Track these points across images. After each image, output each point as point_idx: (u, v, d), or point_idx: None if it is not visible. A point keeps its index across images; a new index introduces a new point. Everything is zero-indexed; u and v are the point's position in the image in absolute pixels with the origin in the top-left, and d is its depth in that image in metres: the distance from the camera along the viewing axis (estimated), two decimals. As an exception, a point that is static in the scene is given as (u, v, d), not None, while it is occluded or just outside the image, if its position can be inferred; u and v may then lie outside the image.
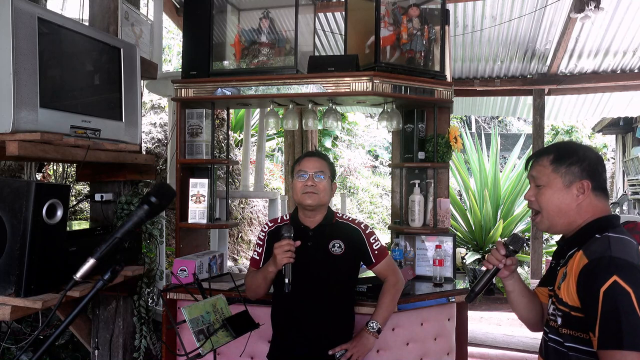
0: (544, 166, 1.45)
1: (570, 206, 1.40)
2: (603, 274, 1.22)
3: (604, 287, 1.21)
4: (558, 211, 1.42)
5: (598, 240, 1.33)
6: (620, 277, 1.20)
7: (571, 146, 1.48)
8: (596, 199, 1.40)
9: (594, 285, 1.23)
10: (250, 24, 2.86)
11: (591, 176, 1.40)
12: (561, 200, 1.41)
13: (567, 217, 1.41)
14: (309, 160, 2.12)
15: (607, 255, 1.26)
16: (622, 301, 1.18)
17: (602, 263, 1.25)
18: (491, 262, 1.52)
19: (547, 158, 1.45)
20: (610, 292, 1.20)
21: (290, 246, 1.90)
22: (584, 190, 1.39)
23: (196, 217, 2.74)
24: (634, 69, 5.50)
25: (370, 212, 11.25)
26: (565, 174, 1.41)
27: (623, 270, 1.22)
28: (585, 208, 1.40)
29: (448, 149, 2.86)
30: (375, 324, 2.07)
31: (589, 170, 1.40)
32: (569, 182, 1.40)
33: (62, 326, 1.18)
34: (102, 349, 2.74)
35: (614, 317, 1.19)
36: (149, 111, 6.49)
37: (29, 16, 1.94)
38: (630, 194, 8.97)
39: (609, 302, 1.20)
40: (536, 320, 1.59)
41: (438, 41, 2.78)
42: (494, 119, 15.44)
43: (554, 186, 1.42)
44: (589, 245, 1.33)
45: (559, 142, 1.57)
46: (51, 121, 2.04)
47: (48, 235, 1.90)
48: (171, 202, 1.39)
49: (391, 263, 2.21)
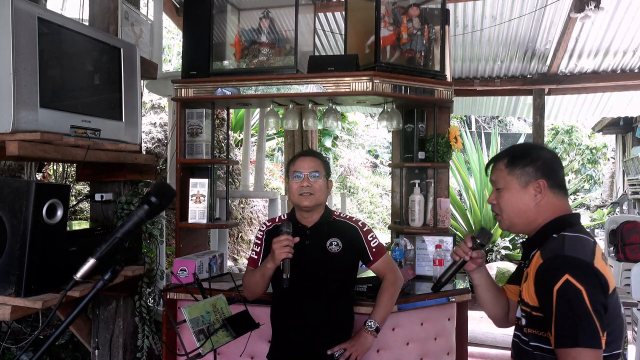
0: (501, 170, 1.49)
1: (528, 206, 1.43)
2: (556, 273, 1.25)
3: (557, 286, 1.23)
4: (517, 212, 1.45)
5: (554, 240, 1.36)
6: (572, 276, 1.22)
7: (524, 147, 1.53)
8: (554, 197, 1.43)
9: (548, 284, 1.25)
10: (250, 23, 2.86)
11: (547, 175, 1.42)
12: (519, 201, 1.44)
13: (527, 217, 1.44)
14: (304, 160, 2.12)
15: (561, 255, 1.28)
16: (574, 299, 1.21)
17: (555, 262, 1.28)
18: (458, 254, 1.56)
19: (502, 162, 1.49)
20: (562, 291, 1.22)
21: (289, 241, 1.90)
22: (541, 189, 1.41)
23: (196, 217, 2.74)
24: (634, 69, 5.50)
25: (370, 212, 11.25)
26: (520, 175, 1.44)
27: (575, 269, 1.24)
28: (544, 207, 1.42)
29: (448, 149, 2.87)
30: (374, 323, 2.06)
31: (544, 169, 1.43)
32: (525, 183, 1.43)
33: (62, 326, 1.18)
34: (102, 349, 2.74)
35: (568, 315, 1.21)
36: (149, 111, 6.49)
37: (29, 16, 1.94)
38: (630, 193, 8.97)
39: (562, 301, 1.22)
40: (501, 316, 1.61)
41: (438, 41, 2.78)
42: (494, 118, 15.45)
43: (511, 188, 1.45)
44: (546, 246, 1.36)
45: (514, 145, 1.60)
46: (51, 121, 2.04)
47: (48, 235, 1.90)
48: (171, 202, 1.39)
49: (389, 261, 2.21)
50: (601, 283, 1.24)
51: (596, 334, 1.19)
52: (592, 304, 1.20)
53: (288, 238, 1.90)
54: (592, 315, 1.19)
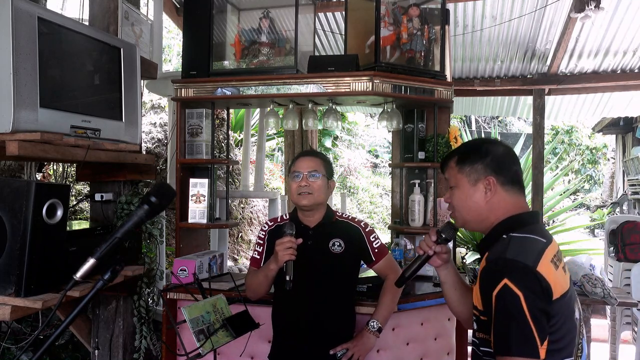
0: (452, 168, 1.45)
1: (479, 204, 1.38)
2: (495, 277, 1.20)
3: (496, 290, 1.19)
4: (469, 210, 1.41)
5: (501, 241, 1.31)
6: (510, 280, 1.17)
7: (474, 144, 1.48)
8: (507, 194, 1.37)
9: (489, 289, 1.21)
10: (250, 23, 2.86)
11: (497, 171, 1.37)
12: (470, 199, 1.39)
13: (478, 215, 1.40)
14: (303, 160, 2.11)
15: (502, 257, 1.23)
16: (511, 305, 1.16)
17: (496, 266, 1.23)
18: (422, 248, 1.49)
19: (453, 159, 1.45)
20: (500, 295, 1.18)
21: (292, 243, 1.89)
22: (491, 186, 1.37)
23: (196, 217, 2.74)
24: (634, 69, 5.49)
25: (370, 212, 11.26)
26: (469, 172, 1.40)
27: (514, 273, 1.18)
28: (496, 204, 1.37)
29: (448, 149, 2.87)
30: (376, 323, 2.07)
31: (494, 165, 1.37)
32: (474, 181, 1.39)
33: (62, 326, 1.18)
34: (102, 349, 2.74)
35: (504, 322, 1.17)
36: (149, 111, 6.49)
37: (29, 16, 1.94)
38: (630, 194, 8.97)
39: (500, 306, 1.18)
40: (467, 315, 1.53)
41: (438, 41, 2.78)
42: (494, 118, 15.45)
43: (462, 186, 1.41)
44: (494, 247, 1.31)
45: (466, 142, 1.56)
46: (51, 121, 2.04)
47: (48, 235, 1.90)
48: (171, 202, 1.38)
49: (392, 261, 2.21)
50: (542, 288, 1.18)
51: (531, 342, 1.14)
52: (530, 310, 1.14)
53: (291, 240, 1.89)
54: (529, 322, 1.14)
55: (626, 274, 4.18)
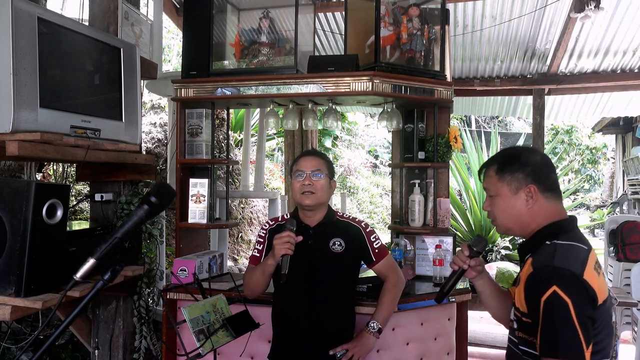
0: (491, 177, 1.49)
1: (521, 212, 1.44)
2: (544, 284, 1.25)
3: (544, 296, 1.24)
4: (511, 217, 1.46)
5: (546, 248, 1.36)
6: (560, 287, 1.23)
7: (514, 153, 1.51)
8: (547, 201, 1.42)
9: (536, 294, 1.27)
10: (250, 23, 2.86)
11: (537, 180, 1.42)
12: (512, 207, 1.44)
13: (520, 222, 1.45)
14: (306, 160, 2.12)
15: (550, 265, 1.28)
16: (560, 311, 1.22)
17: (544, 273, 1.28)
18: (457, 263, 1.56)
19: (492, 168, 1.49)
20: (549, 302, 1.23)
21: (290, 238, 1.90)
22: (532, 194, 1.41)
23: (196, 217, 2.74)
24: (634, 69, 5.50)
25: (370, 212, 11.26)
26: (510, 181, 1.44)
27: (563, 281, 1.24)
28: (537, 212, 1.42)
29: (448, 149, 2.87)
30: (376, 324, 2.06)
31: (534, 174, 1.42)
32: (515, 189, 1.43)
33: (62, 326, 1.18)
34: (102, 349, 2.74)
35: (552, 326, 1.22)
36: (149, 111, 6.49)
37: (28, 16, 1.94)
38: (630, 193, 8.97)
39: (548, 312, 1.23)
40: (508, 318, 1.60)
41: (438, 41, 2.78)
42: (494, 118, 15.45)
43: (502, 195, 1.46)
44: (538, 253, 1.37)
45: (504, 150, 1.59)
46: (51, 121, 2.04)
47: (48, 235, 1.90)
48: (171, 202, 1.39)
49: (392, 262, 2.21)
50: (589, 295, 1.24)
51: (579, 347, 1.20)
52: (578, 316, 1.20)
53: (290, 235, 1.90)
54: (577, 328, 1.20)
55: (626, 274, 4.17)
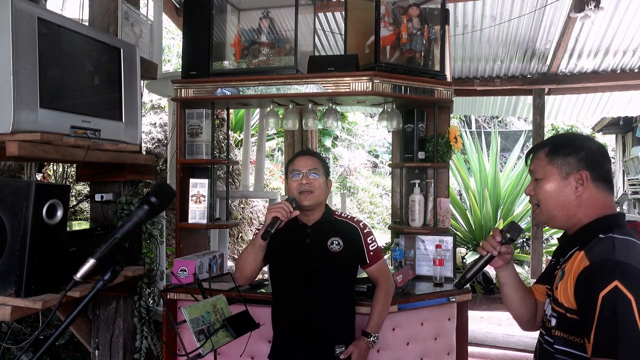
0: (541, 159, 1.39)
1: (569, 199, 1.33)
2: (604, 279, 1.16)
3: (604, 292, 1.14)
4: (556, 204, 1.35)
5: (602, 241, 1.25)
6: (622, 283, 1.13)
7: (568, 137, 1.43)
8: (598, 191, 1.32)
9: (594, 289, 1.17)
10: (250, 24, 2.86)
11: (590, 166, 1.32)
12: (559, 192, 1.34)
13: (567, 210, 1.34)
14: (302, 159, 2.13)
15: (611, 259, 1.18)
16: (622, 308, 1.12)
17: (605, 267, 1.18)
18: (486, 248, 1.44)
19: (543, 151, 1.39)
20: (610, 297, 1.14)
21: (286, 206, 1.93)
22: (583, 181, 1.31)
23: (196, 217, 2.74)
24: (634, 69, 5.50)
25: (370, 212, 11.26)
26: (561, 165, 1.34)
27: (626, 276, 1.14)
28: (585, 201, 1.32)
29: (448, 149, 2.86)
30: (376, 338, 2.11)
31: (588, 160, 1.32)
32: (565, 174, 1.33)
33: (62, 326, 1.18)
34: (103, 349, 2.74)
35: (612, 324, 1.13)
36: (149, 111, 6.48)
37: (28, 16, 1.94)
38: (630, 193, 8.97)
39: (608, 308, 1.13)
40: (528, 317, 1.52)
41: (438, 41, 2.78)
42: (494, 118, 15.45)
43: (551, 179, 1.36)
44: (592, 247, 1.25)
45: (558, 134, 1.54)
46: (51, 121, 2.04)
47: (48, 236, 1.90)
48: (171, 202, 1.38)
49: (384, 267, 2.22)
50: None
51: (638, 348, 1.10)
52: None
53: (285, 203, 1.94)
54: (638, 327, 1.10)
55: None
